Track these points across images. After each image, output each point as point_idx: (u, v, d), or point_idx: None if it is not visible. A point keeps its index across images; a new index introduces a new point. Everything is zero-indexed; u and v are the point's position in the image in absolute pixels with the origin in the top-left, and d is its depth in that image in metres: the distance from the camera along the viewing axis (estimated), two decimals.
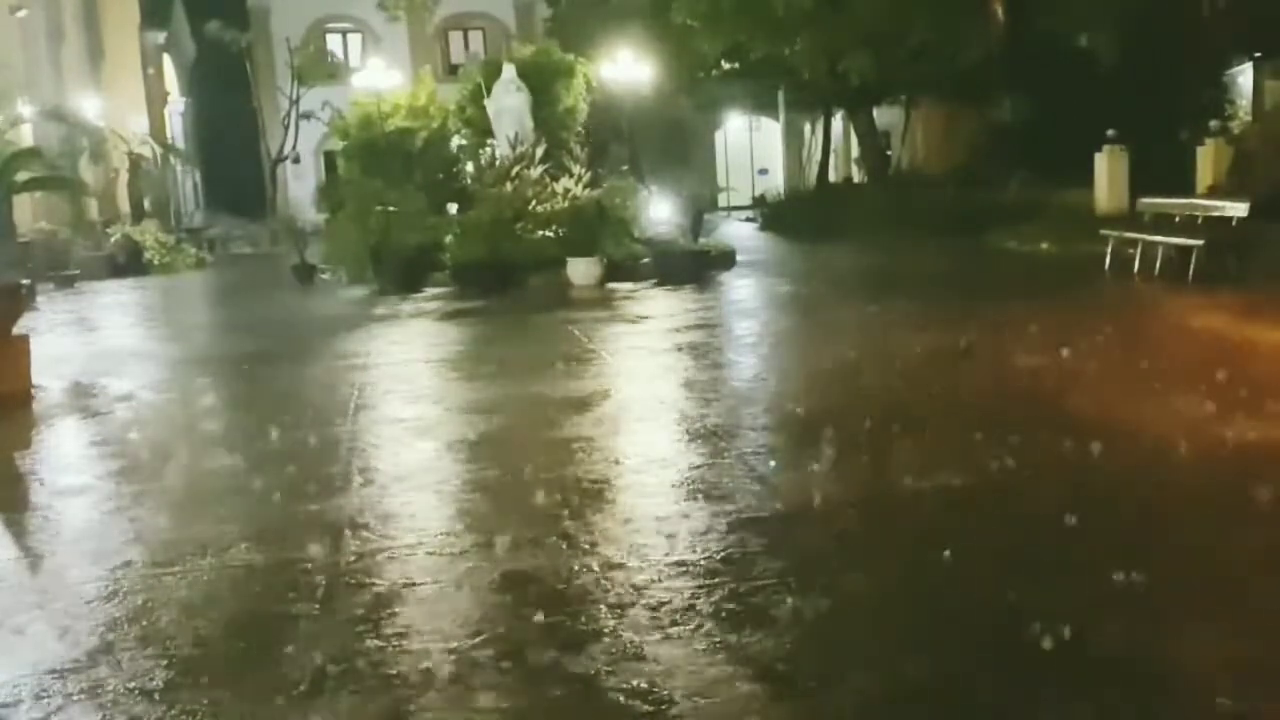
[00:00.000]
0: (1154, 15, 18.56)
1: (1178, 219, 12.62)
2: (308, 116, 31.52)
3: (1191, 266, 11.34)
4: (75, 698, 3.27)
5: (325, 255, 17.37)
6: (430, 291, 14.86)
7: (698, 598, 3.77)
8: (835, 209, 23.08)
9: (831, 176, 30.24)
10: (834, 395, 7.22)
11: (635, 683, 3.19)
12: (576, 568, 4.14)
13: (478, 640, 3.54)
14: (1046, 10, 19.64)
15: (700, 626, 3.54)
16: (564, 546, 4.37)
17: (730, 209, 31.09)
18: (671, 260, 14.93)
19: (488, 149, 17.40)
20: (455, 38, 38.08)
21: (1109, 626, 3.41)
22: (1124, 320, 9.70)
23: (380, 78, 20.91)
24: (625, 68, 19.73)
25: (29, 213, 23.12)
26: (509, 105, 17.37)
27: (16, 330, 8.69)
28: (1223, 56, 18.98)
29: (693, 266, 14.85)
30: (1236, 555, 4.04)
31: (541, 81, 18.20)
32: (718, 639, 3.45)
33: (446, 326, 11.80)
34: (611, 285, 14.46)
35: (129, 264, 21.38)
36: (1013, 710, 3.02)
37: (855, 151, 30.31)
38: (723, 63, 25.76)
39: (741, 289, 13.88)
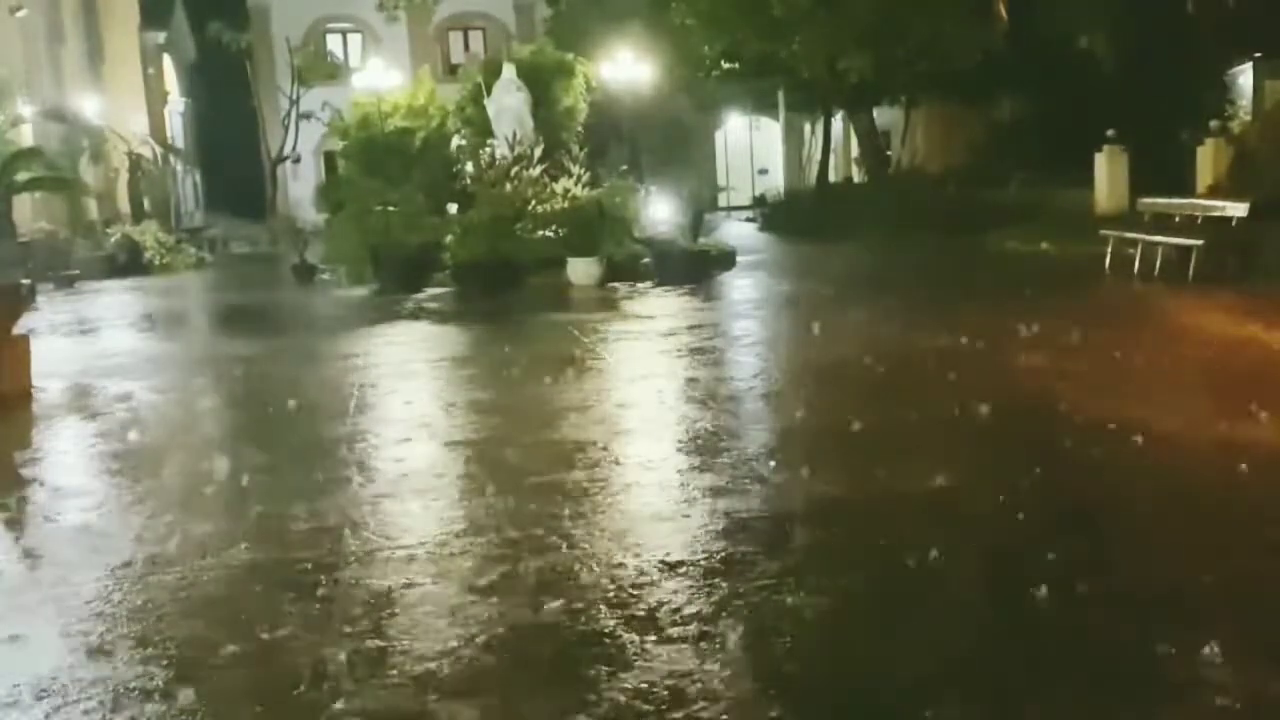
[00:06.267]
0: (1154, 15, 18.55)
1: (1178, 219, 12.61)
2: (308, 116, 31.53)
3: (1191, 266, 11.33)
4: (74, 698, 3.27)
5: (325, 255, 17.36)
6: (430, 292, 14.85)
7: (697, 598, 3.77)
8: (835, 209, 23.06)
9: (831, 176, 30.17)
10: (834, 395, 7.21)
11: (635, 683, 3.19)
12: (576, 568, 4.14)
13: (478, 641, 3.54)
14: (1046, 10, 19.64)
15: (700, 627, 3.54)
16: (564, 547, 4.37)
17: (730, 209, 31.07)
18: (671, 260, 14.91)
19: (488, 149, 17.40)
20: (455, 38, 38.02)
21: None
22: (1123, 320, 9.69)
23: (380, 78, 20.91)
24: (625, 68, 19.71)
25: (29, 213, 23.12)
26: (509, 105, 17.38)
27: (16, 330, 8.70)
28: (1223, 56, 18.97)
29: (693, 267, 14.82)
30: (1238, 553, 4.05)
31: (541, 81, 18.20)
32: (717, 639, 3.45)
33: (446, 327, 11.79)
34: (611, 285, 14.44)
35: (129, 264, 21.38)
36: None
37: (855, 151, 30.27)
38: (722, 62, 25.75)
39: (742, 289, 13.87)
